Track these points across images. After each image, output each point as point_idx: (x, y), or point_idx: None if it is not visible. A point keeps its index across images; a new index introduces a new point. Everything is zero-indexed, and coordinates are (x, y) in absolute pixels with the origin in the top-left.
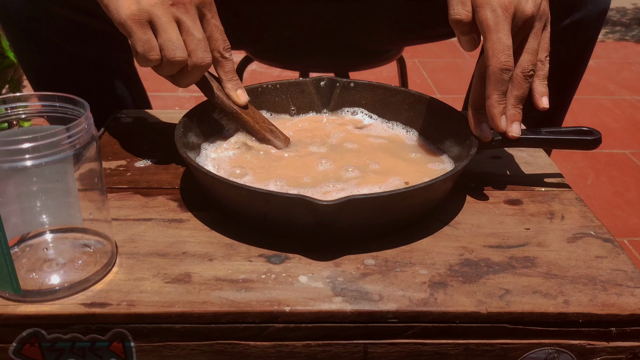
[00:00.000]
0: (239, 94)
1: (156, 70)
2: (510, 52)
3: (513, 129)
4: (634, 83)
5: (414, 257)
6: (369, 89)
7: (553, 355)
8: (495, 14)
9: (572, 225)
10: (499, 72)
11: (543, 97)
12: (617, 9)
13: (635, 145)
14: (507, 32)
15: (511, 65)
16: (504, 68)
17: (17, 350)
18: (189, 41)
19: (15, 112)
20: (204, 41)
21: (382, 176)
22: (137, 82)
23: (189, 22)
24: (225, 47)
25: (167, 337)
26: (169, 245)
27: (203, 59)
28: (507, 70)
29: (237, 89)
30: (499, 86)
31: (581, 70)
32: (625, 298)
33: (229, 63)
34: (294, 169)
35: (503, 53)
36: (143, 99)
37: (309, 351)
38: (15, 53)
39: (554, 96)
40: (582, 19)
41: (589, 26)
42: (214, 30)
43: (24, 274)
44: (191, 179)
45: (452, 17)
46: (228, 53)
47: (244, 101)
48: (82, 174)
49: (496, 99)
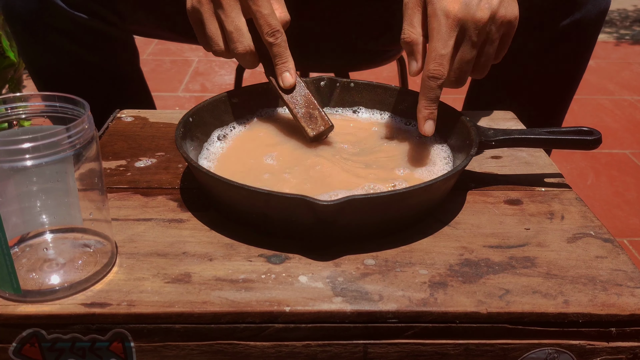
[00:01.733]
0: (285, 77)
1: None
2: (442, 61)
3: (424, 128)
4: (634, 83)
5: (414, 257)
6: (368, 88)
7: (553, 356)
8: (439, 23)
9: (572, 225)
10: (427, 79)
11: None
12: (617, 10)
13: (635, 145)
14: (444, 41)
15: (440, 73)
16: (430, 76)
17: (17, 350)
18: (226, 34)
19: (15, 112)
20: (234, 32)
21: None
22: (141, 82)
23: (223, 16)
24: (268, 32)
25: (167, 337)
26: (169, 245)
27: (235, 49)
28: (433, 77)
29: (284, 72)
30: (426, 92)
31: (581, 71)
32: (625, 298)
33: (275, 47)
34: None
35: (433, 62)
36: (147, 99)
37: (309, 351)
38: (20, 52)
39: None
40: (581, 20)
41: (588, 26)
42: (257, 16)
43: (24, 274)
44: (191, 179)
45: (401, 39)
46: (273, 37)
47: (286, 85)
48: (82, 174)
49: (423, 104)
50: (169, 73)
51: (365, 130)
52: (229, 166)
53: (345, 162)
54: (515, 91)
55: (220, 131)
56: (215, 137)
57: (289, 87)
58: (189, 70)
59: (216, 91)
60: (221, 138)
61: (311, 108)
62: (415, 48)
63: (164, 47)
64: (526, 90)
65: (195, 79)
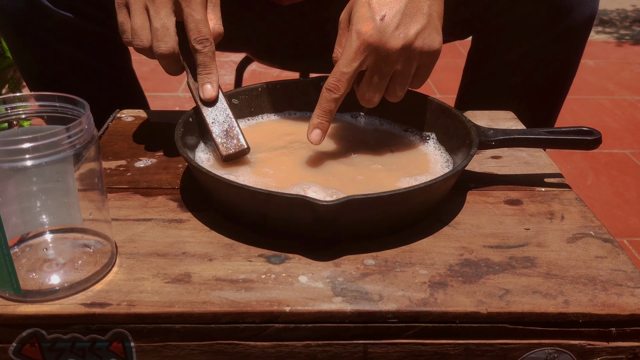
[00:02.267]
0: (205, 88)
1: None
2: (341, 78)
3: (310, 136)
4: (634, 83)
5: (414, 257)
6: None
7: (553, 356)
8: (350, 42)
9: (572, 225)
10: (324, 90)
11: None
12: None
13: (635, 145)
14: (349, 60)
15: (335, 87)
16: (327, 87)
17: (17, 350)
18: (152, 29)
19: (15, 112)
20: (161, 30)
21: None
22: (134, 82)
23: (152, 11)
24: (197, 38)
25: (167, 337)
26: (169, 245)
27: (157, 48)
28: (328, 90)
29: (206, 83)
30: (321, 103)
31: (570, 76)
32: (625, 298)
33: (200, 55)
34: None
35: (333, 76)
36: (141, 99)
37: (309, 351)
38: (12, 54)
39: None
40: (568, 27)
41: (576, 32)
42: (188, 20)
43: (24, 274)
44: (191, 179)
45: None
46: (200, 45)
47: (206, 96)
48: (82, 174)
49: (316, 113)
50: None
51: (362, 132)
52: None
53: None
54: (506, 96)
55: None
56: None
57: (208, 100)
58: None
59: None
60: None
61: (229, 126)
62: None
63: None
64: (516, 96)
65: None
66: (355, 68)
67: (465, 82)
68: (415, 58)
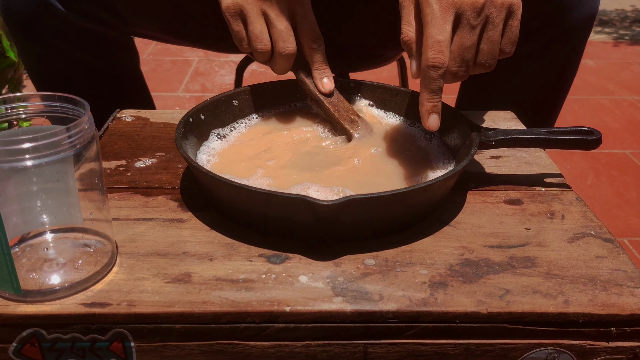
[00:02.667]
0: (325, 82)
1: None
2: (441, 48)
3: (428, 122)
4: (634, 83)
5: (414, 257)
6: (369, 89)
7: (553, 356)
8: (432, 9)
9: (572, 225)
10: (426, 69)
11: (431, 116)
12: (616, 11)
13: (635, 145)
14: (440, 27)
15: (439, 62)
16: (429, 65)
17: (17, 350)
18: (273, 32)
19: (15, 112)
20: (285, 32)
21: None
22: (141, 84)
23: (273, 15)
24: (314, 38)
25: (167, 337)
26: (169, 245)
27: (284, 49)
28: (433, 67)
29: (324, 78)
30: (427, 83)
31: (571, 76)
32: (626, 298)
33: (316, 53)
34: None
35: (431, 49)
36: (147, 101)
37: (309, 351)
38: (20, 54)
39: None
40: (568, 26)
41: (576, 32)
42: (303, 22)
43: (24, 274)
44: (191, 179)
45: (400, 39)
46: (316, 44)
47: (328, 89)
48: (83, 174)
49: (425, 96)
50: (169, 73)
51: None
52: (227, 162)
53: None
54: (505, 96)
55: (220, 131)
56: (215, 137)
57: (328, 93)
58: (189, 70)
59: (216, 91)
60: (221, 138)
61: (349, 112)
62: (414, 47)
63: (164, 47)
64: (516, 96)
65: (195, 79)
66: (449, 32)
67: (466, 82)
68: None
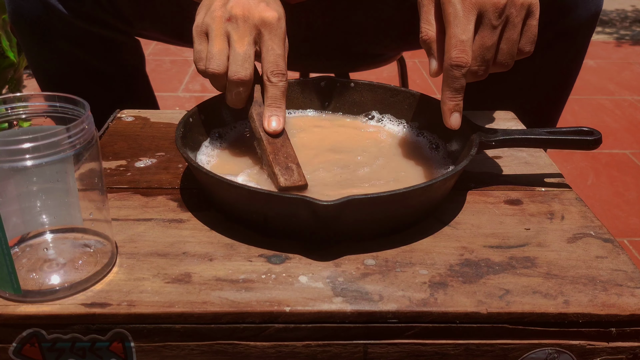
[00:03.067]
0: (272, 121)
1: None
2: (464, 47)
3: (450, 121)
4: (634, 83)
5: (414, 257)
6: (369, 89)
7: (553, 356)
8: (455, 9)
9: (572, 225)
10: (449, 68)
11: (453, 114)
12: (616, 11)
13: (635, 145)
14: (463, 26)
15: (462, 61)
16: (453, 64)
17: (17, 350)
18: (230, 55)
19: (15, 112)
20: (242, 56)
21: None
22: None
23: (235, 37)
24: (274, 71)
25: (167, 337)
26: (169, 245)
27: (235, 73)
28: (456, 66)
29: (273, 117)
30: (449, 82)
31: (574, 74)
32: (625, 298)
33: (274, 88)
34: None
35: (455, 48)
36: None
37: (309, 351)
38: (27, 56)
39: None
40: (572, 24)
41: (580, 30)
42: (267, 51)
43: (24, 274)
44: (191, 179)
45: (420, 38)
46: (276, 78)
47: (272, 129)
48: (82, 174)
49: (447, 95)
50: (169, 73)
51: (366, 132)
52: (227, 162)
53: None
54: (508, 95)
55: (220, 131)
56: (215, 137)
57: (273, 133)
58: (189, 70)
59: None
60: (221, 137)
61: (290, 160)
62: (434, 46)
63: (164, 47)
64: (519, 94)
65: (195, 79)
66: (472, 32)
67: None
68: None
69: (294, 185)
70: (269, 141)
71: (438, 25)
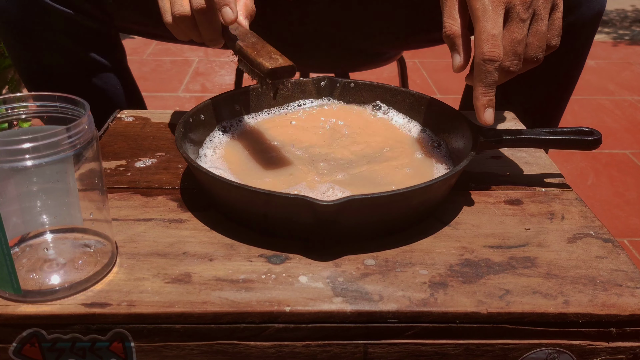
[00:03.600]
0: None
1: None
2: (496, 42)
3: (484, 117)
4: (634, 83)
5: (414, 257)
6: (369, 89)
7: (553, 356)
8: (483, 3)
9: (572, 225)
10: (481, 63)
11: (486, 110)
12: (616, 11)
13: (635, 146)
14: (493, 20)
15: (495, 55)
16: (485, 58)
17: (17, 350)
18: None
19: (15, 112)
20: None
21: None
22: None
23: None
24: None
25: (167, 337)
26: (169, 245)
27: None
28: (489, 60)
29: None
30: (482, 77)
31: (577, 73)
32: (626, 298)
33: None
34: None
35: (487, 43)
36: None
37: (309, 351)
38: (9, 52)
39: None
40: (576, 22)
41: (583, 29)
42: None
43: (24, 274)
44: (191, 179)
45: (443, 33)
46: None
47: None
48: (82, 174)
49: (480, 90)
50: (169, 73)
51: (367, 129)
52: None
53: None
54: (511, 93)
55: (220, 130)
56: (215, 137)
57: (229, 23)
58: (189, 70)
59: (216, 91)
60: (221, 137)
61: (273, 53)
62: (458, 41)
63: (164, 47)
64: (522, 93)
65: (196, 79)
66: (502, 26)
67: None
68: (547, 3)
69: (279, 66)
70: (248, 45)
71: (462, 21)
